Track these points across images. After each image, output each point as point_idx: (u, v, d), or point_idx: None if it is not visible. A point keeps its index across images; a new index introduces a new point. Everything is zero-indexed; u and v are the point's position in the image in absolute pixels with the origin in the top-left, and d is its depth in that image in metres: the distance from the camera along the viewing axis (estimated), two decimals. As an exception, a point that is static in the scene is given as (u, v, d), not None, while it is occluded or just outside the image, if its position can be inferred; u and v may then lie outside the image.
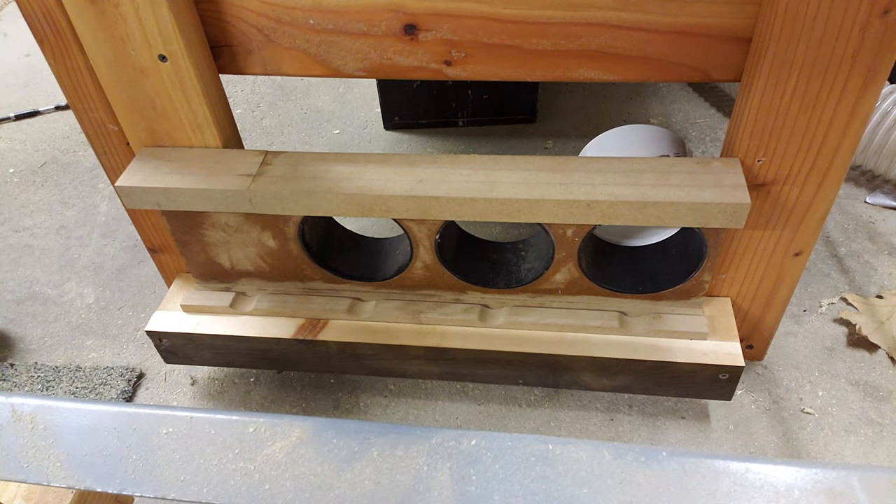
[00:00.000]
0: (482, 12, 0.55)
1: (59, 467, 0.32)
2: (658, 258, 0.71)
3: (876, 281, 0.87)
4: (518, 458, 0.29)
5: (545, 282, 0.68)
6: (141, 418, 0.32)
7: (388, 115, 1.17)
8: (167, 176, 0.61)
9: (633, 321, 0.68)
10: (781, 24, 0.49)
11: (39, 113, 1.30)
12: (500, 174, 0.59)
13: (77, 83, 0.63)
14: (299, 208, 0.60)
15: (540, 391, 0.77)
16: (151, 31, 0.55)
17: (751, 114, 0.55)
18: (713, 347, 0.66)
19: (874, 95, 0.52)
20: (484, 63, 0.58)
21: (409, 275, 0.70)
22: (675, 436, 0.73)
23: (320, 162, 0.62)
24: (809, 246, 0.63)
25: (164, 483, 0.30)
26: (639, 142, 0.78)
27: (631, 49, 0.56)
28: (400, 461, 0.30)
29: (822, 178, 0.58)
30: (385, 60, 0.59)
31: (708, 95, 1.21)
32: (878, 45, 0.49)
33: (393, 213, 0.60)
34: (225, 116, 0.64)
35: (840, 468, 0.27)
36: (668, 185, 0.57)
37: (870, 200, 0.98)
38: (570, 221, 0.58)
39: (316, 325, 0.71)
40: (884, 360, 0.78)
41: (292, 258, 0.70)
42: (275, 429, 0.31)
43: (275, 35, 0.59)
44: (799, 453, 0.71)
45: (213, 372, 0.82)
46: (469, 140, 1.15)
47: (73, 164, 1.17)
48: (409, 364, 0.72)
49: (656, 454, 0.28)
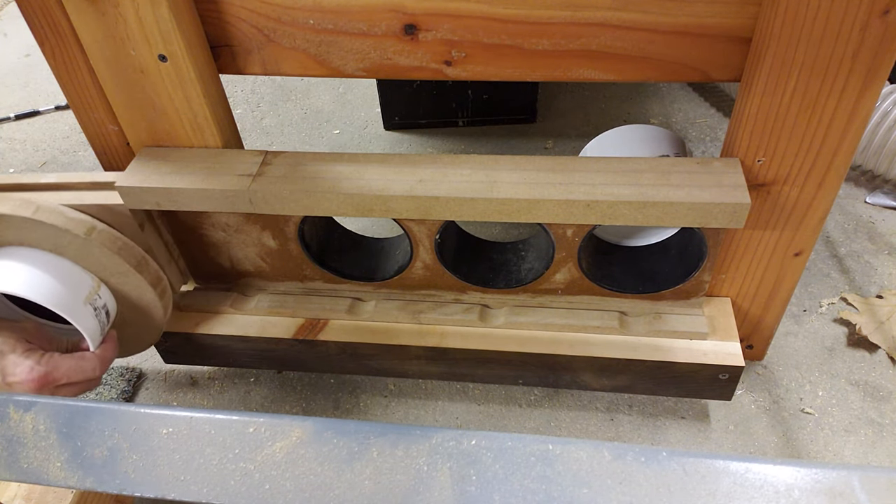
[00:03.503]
0: (482, 12, 0.55)
1: (59, 467, 0.32)
2: (658, 258, 0.71)
3: (876, 281, 0.87)
4: (518, 458, 0.29)
5: (545, 282, 0.68)
6: (141, 418, 0.32)
7: (388, 115, 1.17)
8: (167, 176, 0.61)
9: (633, 321, 0.68)
10: (781, 24, 0.49)
11: (39, 113, 1.30)
12: (500, 174, 0.59)
13: (77, 83, 0.63)
14: (299, 208, 0.60)
15: (540, 391, 0.77)
16: (151, 31, 0.55)
17: (751, 114, 0.55)
18: (713, 347, 0.66)
19: (874, 95, 0.52)
20: (484, 63, 0.58)
21: (409, 275, 0.70)
22: (675, 436, 0.73)
23: (320, 162, 0.62)
24: (809, 246, 0.63)
25: (164, 483, 0.30)
26: (639, 142, 0.78)
27: (631, 49, 0.56)
28: (400, 461, 0.30)
29: (822, 178, 0.58)
30: (385, 60, 0.59)
31: (708, 95, 1.21)
32: (878, 45, 0.49)
33: (393, 213, 0.60)
34: (225, 116, 0.64)
35: (840, 468, 0.27)
36: (668, 185, 0.57)
37: (870, 200, 0.98)
38: (570, 221, 0.58)
39: (316, 325, 0.71)
40: (884, 360, 0.78)
41: (292, 258, 0.70)
42: (275, 429, 0.31)
43: (275, 35, 0.59)
44: (799, 453, 0.71)
45: (213, 372, 0.82)
46: (469, 140, 1.15)
47: (73, 164, 1.17)
48: (409, 364, 0.72)
49: (656, 454, 0.28)
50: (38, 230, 0.57)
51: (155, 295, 0.63)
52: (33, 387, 0.55)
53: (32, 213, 0.56)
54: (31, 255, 0.58)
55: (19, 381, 0.54)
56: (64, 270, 0.58)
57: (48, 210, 0.57)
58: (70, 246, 0.58)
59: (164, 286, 0.64)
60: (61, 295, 0.56)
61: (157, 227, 0.67)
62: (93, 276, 0.60)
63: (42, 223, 0.56)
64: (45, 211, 0.57)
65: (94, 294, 0.59)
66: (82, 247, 0.58)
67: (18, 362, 0.55)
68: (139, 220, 0.63)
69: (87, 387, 0.60)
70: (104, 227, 0.59)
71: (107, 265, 0.59)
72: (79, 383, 0.58)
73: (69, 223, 0.57)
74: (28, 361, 0.55)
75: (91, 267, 0.59)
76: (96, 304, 0.59)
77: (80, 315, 0.57)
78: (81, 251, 0.58)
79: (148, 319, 0.65)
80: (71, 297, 0.57)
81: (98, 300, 0.59)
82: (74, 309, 0.57)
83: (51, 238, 0.57)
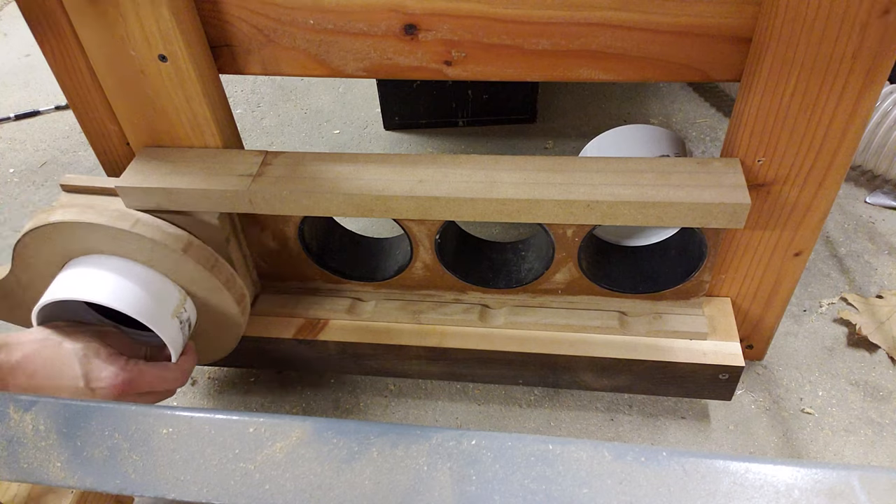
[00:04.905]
0: (482, 12, 0.55)
1: (59, 467, 0.32)
2: (658, 258, 0.71)
3: (876, 281, 0.87)
4: (518, 458, 0.29)
5: (545, 282, 0.68)
6: (141, 418, 0.32)
7: (388, 115, 1.17)
8: (167, 176, 0.61)
9: (633, 321, 0.68)
10: (781, 24, 0.49)
11: (39, 113, 1.30)
12: (500, 174, 0.59)
13: (77, 83, 0.63)
14: (299, 208, 0.60)
15: (540, 391, 0.77)
16: (151, 31, 0.55)
17: (751, 114, 0.55)
18: (713, 347, 0.66)
19: (874, 95, 0.52)
20: (484, 63, 0.58)
21: (409, 275, 0.70)
22: (675, 436, 0.73)
23: (320, 162, 0.62)
24: (809, 246, 0.63)
25: (164, 483, 0.30)
26: (639, 142, 0.78)
27: (631, 49, 0.56)
28: (400, 461, 0.30)
29: (822, 178, 0.58)
30: (385, 60, 0.59)
31: (708, 95, 1.21)
32: (878, 45, 0.49)
33: (393, 213, 0.60)
34: (225, 116, 0.64)
35: (840, 468, 0.27)
36: (669, 185, 0.57)
37: (870, 200, 0.98)
38: (570, 221, 0.58)
39: (316, 325, 0.71)
40: (884, 360, 0.78)
41: (292, 258, 0.70)
42: (275, 429, 0.31)
43: (275, 35, 0.59)
44: (799, 453, 0.71)
45: (213, 372, 0.82)
46: (469, 140, 1.15)
47: (73, 164, 1.17)
48: (409, 364, 0.72)
49: (656, 454, 0.28)
50: (135, 242, 0.57)
51: (238, 310, 0.62)
52: (116, 392, 0.54)
53: (131, 226, 0.56)
54: (125, 266, 0.57)
55: (103, 387, 0.53)
56: (156, 284, 0.58)
57: (147, 224, 0.57)
58: (164, 260, 0.58)
59: (246, 302, 0.64)
60: (152, 308, 0.56)
61: (239, 240, 0.67)
62: (180, 288, 0.60)
63: (140, 236, 0.56)
64: (144, 225, 0.57)
65: (180, 307, 0.59)
66: (177, 261, 0.58)
67: (103, 367, 0.54)
68: (225, 233, 0.63)
69: (164, 397, 0.59)
70: (199, 243, 0.59)
71: (197, 280, 0.59)
72: (159, 393, 0.58)
73: (167, 238, 0.57)
74: (113, 367, 0.54)
75: (181, 281, 0.59)
76: (182, 317, 0.59)
77: (167, 328, 0.57)
78: (175, 265, 0.58)
79: (226, 332, 0.65)
80: (161, 310, 0.57)
81: (184, 313, 0.59)
82: (163, 322, 0.57)
83: (146, 251, 0.57)
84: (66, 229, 0.56)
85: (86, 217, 0.56)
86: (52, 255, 0.59)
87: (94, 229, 0.56)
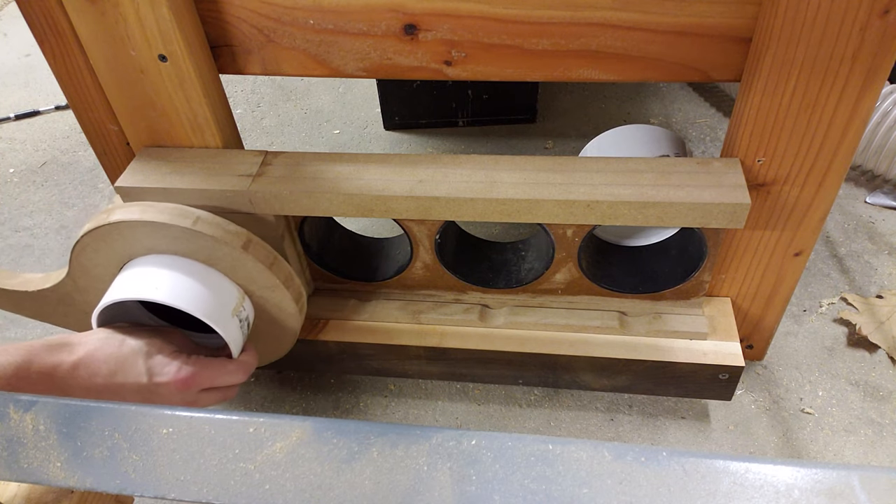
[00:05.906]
0: (482, 12, 0.55)
1: (59, 467, 0.31)
2: (658, 258, 0.71)
3: (876, 281, 0.87)
4: (518, 458, 0.29)
5: (545, 282, 0.68)
6: (141, 418, 0.32)
7: (388, 115, 1.17)
8: (167, 176, 0.61)
9: (633, 321, 0.68)
10: (781, 24, 0.49)
11: (39, 113, 1.30)
12: (500, 174, 0.59)
13: (77, 83, 0.63)
14: (299, 208, 0.60)
15: (540, 391, 0.77)
16: (151, 31, 0.55)
17: (751, 114, 0.55)
18: (713, 347, 0.66)
19: (874, 95, 0.52)
20: (484, 63, 0.58)
21: (409, 275, 0.70)
22: (675, 436, 0.73)
23: (320, 162, 0.62)
24: (809, 246, 0.63)
25: (164, 483, 0.30)
26: (639, 142, 0.78)
27: (631, 49, 0.56)
28: (400, 461, 0.30)
29: (822, 178, 0.58)
30: (385, 60, 0.59)
31: (708, 95, 1.21)
32: (878, 45, 0.49)
33: (393, 213, 0.60)
34: (225, 116, 0.64)
35: (840, 468, 0.27)
36: (668, 186, 0.57)
37: (870, 200, 0.98)
38: (570, 221, 0.58)
39: (316, 325, 0.71)
40: (884, 360, 0.78)
41: (292, 258, 0.70)
42: (275, 429, 0.31)
43: (275, 35, 0.59)
44: (799, 453, 0.71)
45: (213, 372, 0.82)
46: (469, 140, 1.15)
47: (73, 164, 1.17)
48: (409, 364, 0.72)
49: (656, 454, 0.28)
50: (196, 241, 0.56)
51: (296, 309, 0.61)
52: (180, 387, 0.54)
53: (192, 224, 0.55)
54: (186, 265, 0.57)
55: (166, 382, 0.53)
56: (216, 282, 0.57)
57: (208, 221, 0.56)
58: (225, 258, 0.57)
59: (303, 301, 0.63)
60: (213, 307, 0.55)
61: (293, 238, 0.66)
62: (238, 287, 0.59)
63: (201, 234, 0.55)
64: (205, 222, 0.56)
65: (240, 306, 0.58)
66: (237, 260, 0.57)
67: (166, 363, 0.54)
68: (280, 231, 0.62)
69: (227, 394, 0.59)
70: (258, 241, 0.58)
71: (256, 279, 0.58)
72: (221, 389, 0.58)
73: (227, 236, 0.56)
74: (176, 362, 0.54)
75: (240, 279, 0.58)
76: (241, 315, 0.58)
77: (228, 327, 0.56)
78: (235, 264, 0.57)
79: (284, 331, 0.64)
80: (222, 309, 0.56)
81: (242, 312, 0.58)
82: (224, 321, 0.56)
83: (206, 249, 0.56)
84: (126, 229, 0.55)
85: (147, 216, 0.54)
86: (110, 256, 0.58)
87: (155, 228, 0.55)
